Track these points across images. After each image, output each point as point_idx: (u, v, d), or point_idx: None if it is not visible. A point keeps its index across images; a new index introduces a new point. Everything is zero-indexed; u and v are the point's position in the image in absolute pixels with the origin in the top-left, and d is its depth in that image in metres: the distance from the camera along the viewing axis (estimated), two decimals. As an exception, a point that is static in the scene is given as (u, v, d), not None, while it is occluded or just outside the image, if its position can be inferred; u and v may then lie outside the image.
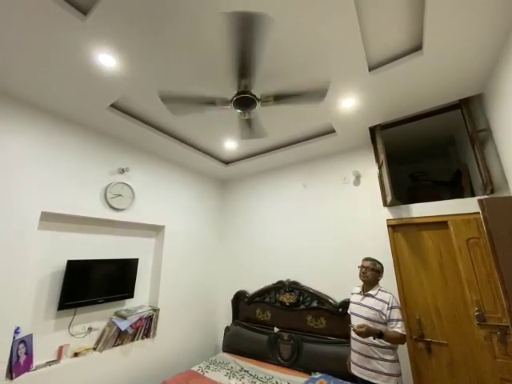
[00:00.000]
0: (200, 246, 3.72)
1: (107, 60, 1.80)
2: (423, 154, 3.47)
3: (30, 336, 2.06)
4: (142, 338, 2.70)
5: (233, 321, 3.47)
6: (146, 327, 2.75)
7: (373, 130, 2.78)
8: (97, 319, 2.52)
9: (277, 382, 2.34)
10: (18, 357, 1.92)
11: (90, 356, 2.31)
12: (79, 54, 1.74)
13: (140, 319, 2.68)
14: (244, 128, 2.11)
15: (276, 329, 3.01)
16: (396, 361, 1.79)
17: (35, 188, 2.16)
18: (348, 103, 2.31)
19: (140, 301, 2.94)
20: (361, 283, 2.07)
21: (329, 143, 3.05)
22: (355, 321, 1.92)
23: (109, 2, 1.42)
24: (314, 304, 2.92)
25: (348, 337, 2.07)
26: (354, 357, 1.92)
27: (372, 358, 1.81)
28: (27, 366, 1.98)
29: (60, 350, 2.20)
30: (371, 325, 1.79)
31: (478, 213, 1.52)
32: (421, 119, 2.60)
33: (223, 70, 1.90)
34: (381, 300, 1.89)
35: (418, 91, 2.17)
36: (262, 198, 3.82)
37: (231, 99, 1.76)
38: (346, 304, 2.39)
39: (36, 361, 2.06)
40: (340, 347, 2.49)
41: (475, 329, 2.06)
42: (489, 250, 1.49)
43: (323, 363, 2.47)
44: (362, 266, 2.05)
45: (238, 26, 1.29)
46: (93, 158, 2.60)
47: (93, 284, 2.46)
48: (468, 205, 2.30)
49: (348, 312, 2.10)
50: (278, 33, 1.59)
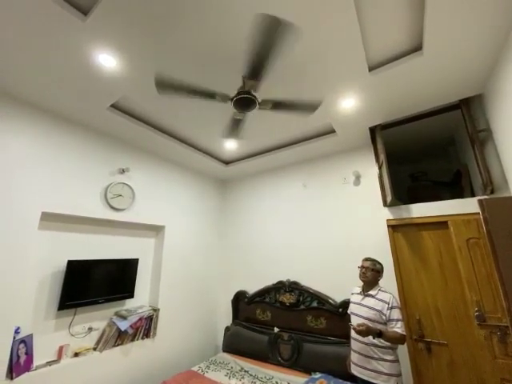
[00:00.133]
0: (200, 246, 3.72)
1: (107, 60, 1.80)
2: (423, 154, 3.47)
3: (31, 336, 2.06)
4: (142, 338, 2.70)
5: (233, 321, 3.47)
6: (146, 327, 2.75)
7: (373, 130, 2.78)
8: (97, 319, 2.53)
9: (277, 382, 2.34)
10: (19, 357, 1.93)
11: (90, 356, 2.31)
12: (79, 55, 1.75)
13: (140, 319, 2.68)
14: (232, 127, 2.13)
15: (276, 329, 3.01)
16: (396, 361, 1.79)
17: (35, 188, 2.16)
18: (348, 103, 2.31)
19: (140, 301, 2.94)
20: (361, 283, 2.07)
21: (329, 143, 3.05)
22: (355, 321, 1.92)
23: (109, 3, 1.42)
24: (314, 304, 2.92)
25: (348, 337, 2.07)
26: (354, 357, 1.92)
27: (372, 358, 1.81)
28: (27, 366, 1.98)
29: (60, 350, 2.20)
30: (371, 325, 1.79)
31: (478, 213, 1.52)
32: (421, 119, 2.60)
33: (226, 70, 1.90)
34: (381, 300, 1.89)
35: (418, 91, 2.17)
36: (262, 198, 3.82)
37: (233, 97, 1.76)
38: (346, 304, 2.39)
39: (36, 361, 2.06)
40: (340, 347, 2.49)
41: (475, 329, 2.06)
42: (489, 251, 1.49)
43: (323, 363, 2.47)
44: (362, 267, 2.05)
45: (264, 29, 1.30)
46: (93, 158, 2.60)
47: (93, 284, 2.46)
48: (468, 205, 2.30)
49: (348, 312, 2.10)
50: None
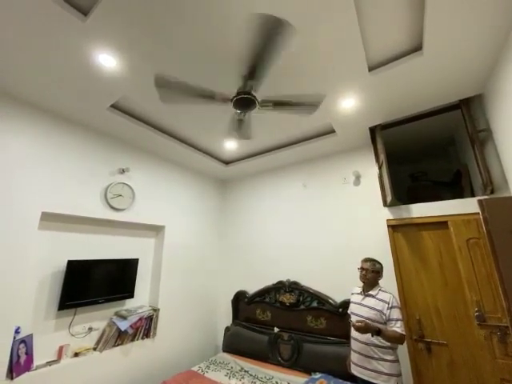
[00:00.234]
0: (200, 246, 3.72)
1: (107, 60, 1.80)
2: (423, 154, 3.47)
3: (31, 336, 2.06)
4: (142, 338, 2.70)
5: (233, 321, 3.47)
6: (146, 327, 2.75)
7: (373, 130, 2.78)
8: (97, 319, 2.53)
9: (277, 382, 2.34)
10: (19, 357, 1.93)
11: (90, 356, 2.31)
12: (79, 55, 1.74)
13: (140, 319, 2.68)
14: (234, 127, 2.13)
15: (276, 329, 3.01)
16: (396, 361, 1.79)
17: (35, 188, 2.16)
18: (348, 103, 2.31)
19: (140, 301, 2.94)
20: (361, 283, 2.07)
21: (329, 143, 3.05)
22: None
23: (109, 3, 1.42)
24: (314, 304, 2.92)
25: (348, 337, 2.07)
26: (354, 357, 1.92)
27: (372, 358, 1.81)
28: (27, 366, 1.98)
29: (60, 350, 2.20)
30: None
31: (478, 213, 1.52)
32: (421, 119, 2.60)
33: (226, 70, 1.90)
34: (381, 300, 1.89)
35: (418, 91, 2.17)
36: (262, 198, 3.82)
37: (232, 97, 1.76)
38: (346, 304, 2.39)
39: (36, 361, 2.06)
40: (340, 347, 2.49)
41: (475, 329, 2.06)
42: (489, 251, 1.49)
43: (323, 363, 2.47)
44: (362, 269, 2.04)
45: (263, 29, 1.30)
46: (93, 158, 2.60)
47: (93, 284, 2.46)
48: (468, 205, 2.30)
49: (348, 312, 2.10)
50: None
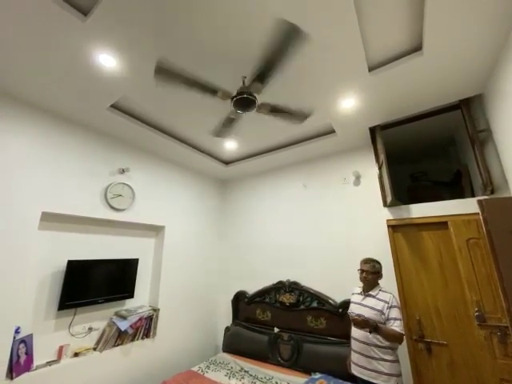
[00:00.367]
0: (200, 246, 3.72)
1: (107, 60, 1.80)
2: (423, 154, 3.47)
3: (31, 336, 2.06)
4: (142, 338, 2.70)
5: (233, 321, 3.47)
6: (146, 327, 2.75)
7: (373, 131, 2.78)
8: (97, 319, 2.53)
9: (277, 383, 2.34)
10: (19, 357, 1.93)
11: (90, 356, 2.31)
12: (79, 55, 1.75)
13: (140, 319, 2.68)
14: (225, 125, 2.13)
15: (276, 329, 3.01)
16: (396, 361, 1.79)
17: (35, 188, 2.16)
18: (348, 103, 2.31)
19: (140, 301, 2.94)
20: (361, 283, 2.07)
21: (329, 143, 3.05)
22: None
23: (109, 3, 1.42)
24: (314, 304, 2.92)
25: (348, 337, 2.07)
26: (354, 357, 1.92)
27: (372, 358, 1.81)
28: (27, 366, 1.98)
29: (60, 350, 2.20)
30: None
31: (478, 213, 1.52)
32: (421, 119, 2.60)
33: (226, 70, 1.90)
34: (382, 300, 1.89)
35: (418, 91, 2.17)
36: (262, 198, 3.82)
37: (234, 96, 1.76)
38: (346, 304, 2.38)
39: (36, 361, 2.06)
40: (340, 347, 2.48)
41: (475, 329, 2.05)
42: (489, 251, 1.49)
43: (323, 363, 2.47)
44: (362, 270, 2.04)
45: (279, 36, 1.34)
46: (93, 158, 2.60)
47: (93, 284, 2.46)
48: (468, 205, 2.30)
49: (348, 312, 2.10)
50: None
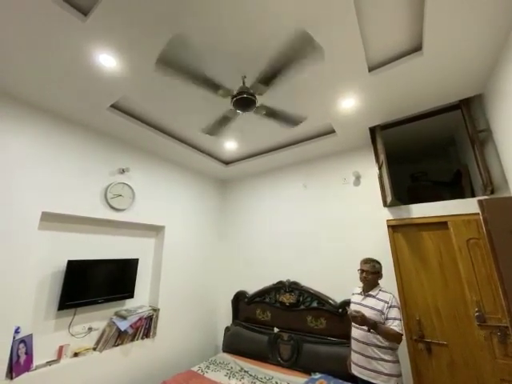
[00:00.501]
0: (200, 246, 3.72)
1: (107, 60, 1.80)
2: (423, 155, 3.47)
3: (30, 336, 2.06)
4: (142, 338, 2.70)
5: (233, 321, 3.47)
6: (146, 327, 2.75)
7: (373, 131, 2.78)
8: (97, 319, 2.52)
9: (277, 383, 2.34)
10: (18, 356, 1.93)
11: (90, 356, 2.31)
12: (79, 55, 1.75)
13: (140, 319, 2.68)
14: (219, 123, 2.13)
15: (276, 329, 3.01)
16: (396, 361, 1.79)
17: (35, 188, 2.16)
18: (348, 103, 2.31)
19: (140, 301, 2.94)
20: (361, 283, 2.07)
21: (329, 143, 3.05)
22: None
23: (109, 3, 1.42)
24: (314, 304, 2.92)
25: (348, 337, 2.07)
26: (354, 357, 1.92)
27: (372, 358, 1.81)
28: (27, 366, 1.98)
29: (60, 350, 2.20)
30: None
31: (478, 213, 1.52)
32: (421, 119, 2.60)
33: (226, 70, 1.89)
34: (382, 300, 1.89)
35: (418, 91, 2.16)
36: (262, 198, 3.82)
37: (235, 95, 1.76)
38: (346, 304, 2.38)
39: (36, 361, 2.06)
40: (340, 347, 2.48)
41: (475, 329, 2.05)
42: (489, 251, 1.49)
43: (323, 364, 2.47)
44: (362, 270, 2.04)
45: (295, 44, 1.37)
46: (93, 158, 2.60)
47: (93, 284, 2.46)
48: (468, 205, 2.30)
49: (347, 308, 2.10)
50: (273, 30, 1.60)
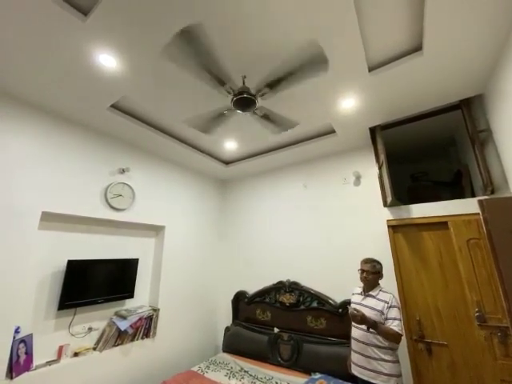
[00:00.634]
0: (200, 246, 3.72)
1: (108, 60, 1.80)
2: (423, 155, 3.46)
3: (30, 336, 2.06)
4: (142, 338, 2.70)
5: (233, 321, 3.47)
6: (146, 327, 2.75)
7: (373, 131, 2.78)
8: (97, 319, 2.53)
9: (277, 383, 2.34)
10: (18, 356, 1.93)
11: (90, 356, 2.31)
12: (80, 55, 1.75)
13: (140, 319, 2.68)
14: (214, 120, 2.10)
15: (276, 329, 3.01)
16: (396, 361, 1.79)
17: (35, 188, 2.16)
18: (348, 103, 2.31)
19: (140, 301, 2.94)
20: (361, 283, 2.07)
21: (329, 143, 3.05)
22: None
23: (109, 3, 1.42)
24: (314, 304, 2.92)
25: (348, 337, 2.07)
26: (354, 357, 1.92)
27: (372, 358, 1.81)
28: (27, 366, 1.98)
29: (60, 350, 2.20)
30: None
31: (479, 213, 1.51)
32: (421, 119, 2.59)
33: (226, 71, 1.88)
34: (382, 300, 1.89)
35: (419, 91, 2.16)
36: (262, 199, 3.82)
37: (237, 94, 1.75)
38: (346, 304, 2.38)
39: (36, 360, 2.06)
40: (340, 348, 2.48)
41: (475, 330, 2.05)
42: (489, 251, 1.49)
43: (323, 364, 2.47)
44: (363, 270, 2.03)
45: (305, 56, 1.37)
46: (93, 158, 2.60)
47: (93, 284, 2.46)
48: (468, 205, 2.30)
49: (347, 306, 2.09)
50: (276, 32, 1.60)
